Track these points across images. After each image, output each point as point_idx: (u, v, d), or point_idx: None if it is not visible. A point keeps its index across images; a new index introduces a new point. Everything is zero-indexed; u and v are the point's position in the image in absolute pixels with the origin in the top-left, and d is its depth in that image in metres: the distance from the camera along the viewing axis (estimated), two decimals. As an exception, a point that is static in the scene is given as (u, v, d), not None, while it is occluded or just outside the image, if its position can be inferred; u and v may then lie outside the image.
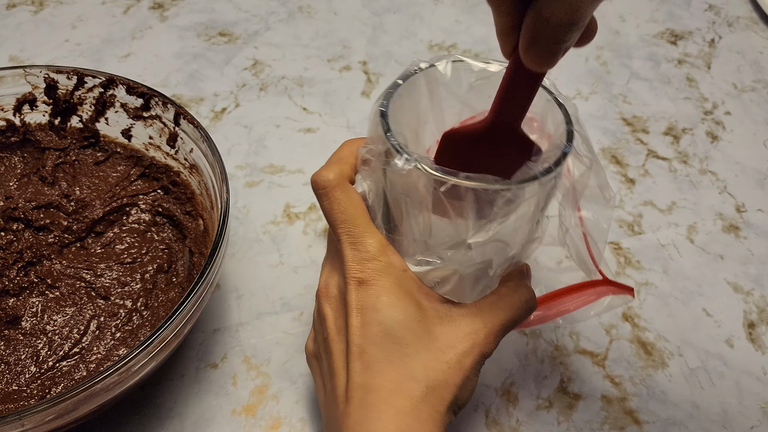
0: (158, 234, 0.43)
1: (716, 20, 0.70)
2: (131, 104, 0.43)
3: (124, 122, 0.44)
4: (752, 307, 0.46)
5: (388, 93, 0.30)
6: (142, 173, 0.45)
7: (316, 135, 0.54)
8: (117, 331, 0.38)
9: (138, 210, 0.44)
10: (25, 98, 0.43)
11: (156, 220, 0.44)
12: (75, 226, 0.42)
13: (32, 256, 0.40)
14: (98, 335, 0.38)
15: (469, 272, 0.30)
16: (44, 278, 0.40)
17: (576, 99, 0.60)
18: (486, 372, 0.41)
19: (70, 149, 0.45)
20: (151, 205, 0.44)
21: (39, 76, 0.42)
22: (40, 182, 0.44)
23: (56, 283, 0.40)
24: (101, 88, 0.43)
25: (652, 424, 0.40)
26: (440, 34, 0.65)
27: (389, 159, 0.28)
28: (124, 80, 0.42)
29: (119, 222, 0.43)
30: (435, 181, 0.27)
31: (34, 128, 0.44)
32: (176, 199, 0.44)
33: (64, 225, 0.42)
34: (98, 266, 0.41)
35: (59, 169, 0.44)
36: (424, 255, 0.30)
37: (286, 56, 0.61)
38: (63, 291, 0.40)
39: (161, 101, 0.42)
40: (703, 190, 0.53)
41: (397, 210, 0.30)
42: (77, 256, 0.41)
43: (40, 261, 0.41)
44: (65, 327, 0.38)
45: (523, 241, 0.31)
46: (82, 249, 0.42)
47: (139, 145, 0.45)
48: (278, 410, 0.39)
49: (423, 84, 0.32)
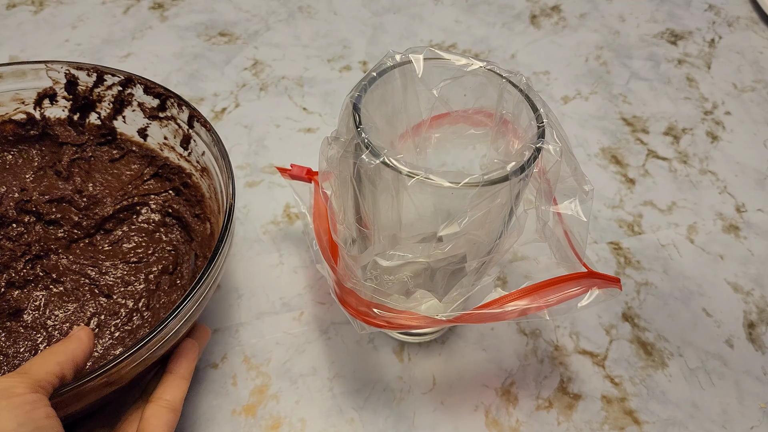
0: (166, 235, 0.43)
1: (716, 20, 0.70)
2: (148, 104, 0.43)
3: (140, 121, 0.44)
4: (752, 307, 0.46)
5: (363, 86, 0.30)
6: (155, 173, 0.45)
7: (316, 135, 0.54)
8: (116, 330, 0.38)
9: (148, 210, 0.44)
10: (45, 93, 0.43)
11: (165, 221, 0.44)
12: (85, 222, 0.42)
13: (40, 250, 0.41)
14: (97, 333, 0.38)
15: (441, 266, 0.30)
16: (50, 272, 0.40)
17: (576, 99, 0.60)
18: (486, 372, 0.41)
19: (87, 145, 0.45)
20: (161, 206, 0.44)
21: (60, 72, 0.42)
22: (55, 176, 0.44)
23: (61, 278, 0.40)
24: (120, 87, 0.43)
25: (652, 424, 0.40)
26: (440, 34, 0.65)
27: (359, 153, 0.28)
28: (142, 80, 0.42)
29: (129, 221, 0.43)
30: (403, 176, 0.27)
31: (54, 123, 0.44)
32: (186, 201, 0.44)
33: (74, 220, 0.42)
34: (104, 264, 0.41)
35: (75, 165, 0.44)
36: (394, 249, 0.30)
37: (286, 56, 0.61)
38: (67, 287, 0.40)
39: (176, 102, 0.42)
40: (703, 190, 0.53)
41: (366, 203, 0.30)
42: (84, 252, 0.42)
43: (48, 255, 0.41)
44: (66, 323, 0.38)
45: (496, 235, 0.31)
46: (90, 245, 0.42)
47: (154, 145, 0.45)
48: (278, 410, 0.39)
49: (397, 77, 0.32)
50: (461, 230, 0.28)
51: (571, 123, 0.58)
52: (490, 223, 0.29)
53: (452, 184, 0.27)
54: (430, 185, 0.27)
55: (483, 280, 0.34)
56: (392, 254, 0.30)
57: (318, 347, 0.42)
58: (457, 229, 0.28)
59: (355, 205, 0.31)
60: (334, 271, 0.34)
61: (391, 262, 0.30)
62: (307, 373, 0.40)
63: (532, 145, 0.28)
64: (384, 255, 0.30)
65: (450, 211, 0.28)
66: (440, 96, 0.32)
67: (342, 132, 0.31)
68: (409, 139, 0.35)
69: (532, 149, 0.28)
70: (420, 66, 0.31)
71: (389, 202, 0.28)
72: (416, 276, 0.31)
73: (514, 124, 0.31)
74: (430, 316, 0.32)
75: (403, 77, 0.32)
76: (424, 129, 0.34)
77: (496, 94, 0.32)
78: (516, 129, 0.31)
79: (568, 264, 0.33)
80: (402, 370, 0.41)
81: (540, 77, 0.62)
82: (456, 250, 0.29)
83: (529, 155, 0.28)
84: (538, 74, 0.62)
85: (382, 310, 0.33)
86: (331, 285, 0.35)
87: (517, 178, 0.27)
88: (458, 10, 0.68)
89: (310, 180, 0.40)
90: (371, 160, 0.27)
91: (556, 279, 0.33)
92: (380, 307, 0.33)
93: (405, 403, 0.40)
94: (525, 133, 0.30)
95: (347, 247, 0.32)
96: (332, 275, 0.34)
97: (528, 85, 0.31)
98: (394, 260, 0.30)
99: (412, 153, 0.35)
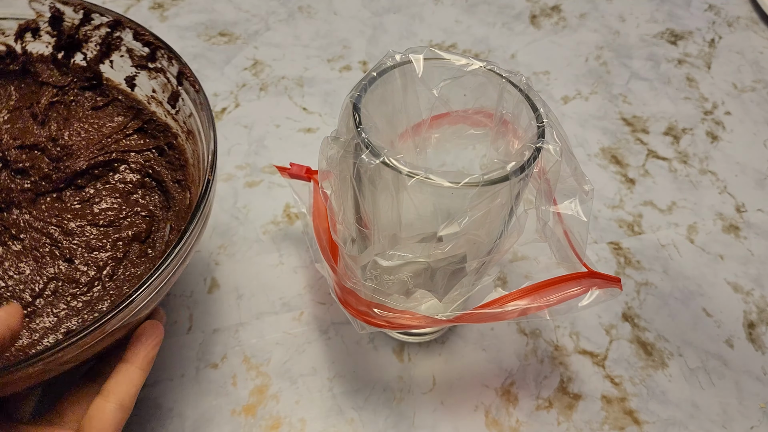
0: (143, 197, 0.39)
1: (716, 20, 0.70)
2: (137, 51, 0.40)
3: (128, 69, 0.41)
4: (752, 307, 0.46)
5: (363, 86, 0.30)
6: (140, 127, 0.41)
7: (316, 135, 0.54)
8: (73, 300, 0.35)
9: (127, 168, 0.40)
10: (27, 25, 0.40)
11: (144, 181, 0.40)
12: (55, 175, 0.38)
13: (2, 201, 0.37)
14: (52, 300, 0.35)
15: (441, 266, 0.30)
16: (9, 228, 0.36)
17: (576, 99, 0.60)
18: (486, 372, 0.41)
19: (70, 88, 0.41)
20: (141, 165, 0.40)
21: (44, 4, 0.39)
22: (31, 119, 0.40)
23: (20, 235, 0.36)
24: (108, 28, 0.39)
25: (652, 424, 0.40)
26: (440, 34, 0.65)
27: (359, 153, 0.28)
28: (132, 24, 0.39)
29: (104, 178, 0.39)
30: (403, 176, 0.27)
31: (36, 59, 0.41)
32: (169, 163, 0.40)
33: (44, 171, 0.38)
34: (69, 224, 0.37)
35: (53, 108, 0.41)
36: (394, 249, 0.30)
37: (286, 56, 0.61)
38: (26, 245, 0.36)
39: (167, 54, 0.38)
40: (703, 190, 0.53)
41: (366, 203, 0.30)
42: (50, 209, 0.38)
43: (9, 208, 0.37)
44: (19, 285, 0.35)
45: (496, 235, 0.31)
46: (57, 201, 0.38)
47: (141, 96, 0.41)
48: (278, 410, 0.39)
49: (397, 77, 0.32)
50: (461, 230, 0.28)
51: (571, 123, 0.58)
52: (490, 223, 0.29)
53: (452, 184, 0.27)
54: (430, 185, 0.27)
55: (483, 280, 0.34)
56: (392, 254, 0.30)
57: (318, 347, 0.42)
58: (457, 229, 0.28)
59: (355, 205, 0.31)
60: (334, 270, 0.34)
61: (391, 262, 0.30)
62: (307, 373, 0.40)
63: (532, 145, 0.28)
64: (384, 255, 0.30)
65: (450, 211, 0.28)
66: (440, 96, 0.32)
67: (342, 132, 0.31)
68: (409, 139, 0.35)
69: (532, 149, 0.28)
70: (420, 66, 0.32)
71: (389, 202, 0.28)
72: (416, 276, 0.31)
73: (514, 124, 0.32)
74: (430, 316, 0.32)
75: (403, 77, 0.32)
76: (424, 129, 0.34)
77: (496, 94, 0.32)
78: (516, 129, 0.31)
79: (568, 264, 0.33)
80: (402, 370, 0.41)
81: (540, 77, 0.62)
82: (456, 250, 0.29)
83: (529, 155, 0.28)
84: (538, 74, 0.62)
85: (382, 310, 0.33)
86: (331, 285, 0.35)
87: (517, 178, 0.27)
88: (458, 10, 0.68)
89: (310, 179, 0.40)
90: (371, 159, 0.27)
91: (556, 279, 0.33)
92: (380, 307, 0.33)
93: (405, 403, 0.40)
94: (525, 133, 0.31)
95: (347, 246, 0.32)
96: (332, 275, 0.34)
97: (528, 85, 0.31)
98: (394, 260, 0.30)
99: (412, 153, 0.35)
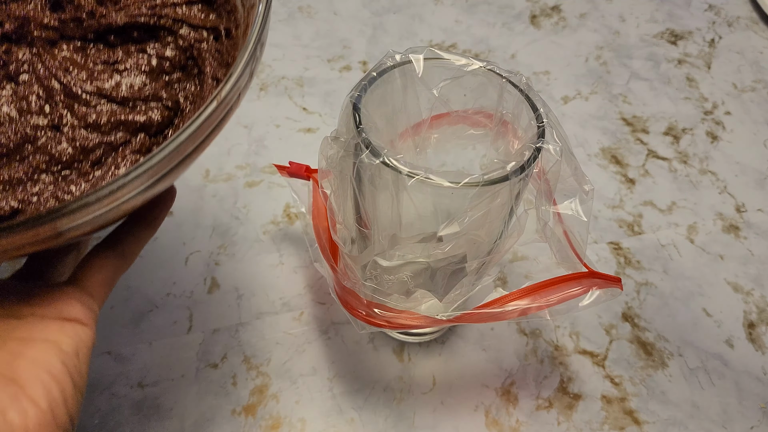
0: (176, 83, 0.31)
1: (716, 20, 0.70)
2: None
3: None
4: (752, 307, 0.46)
5: (363, 86, 0.30)
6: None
7: (316, 135, 0.54)
8: (42, 174, 0.28)
9: (173, 42, 0.31)
10: None
11: (187, 64, 0.31)
12: (87, 22, 0.30)
13: (17, 31, 0.30)
14: (17, 165, 0.28)
15: (441, 266, 0.30)
16: (8, 63, 0.29)
17: (576, 99, 0.60)
18: (486, 372, 0.41)
19: None
20: (189, 44, 0.31)
21: None
22: None
23: (18, 77, 0.29)
24: None
25: (652, 424, 0.40)
26: (440, 34, 0.65)
27: (359, 152, 0.28)
28: None
29: (141, 44, 0.31)
30: (403, 176, 0.27)
31: None
32: (218, 53, 0.32)
33: (76, 14, 0.30)
34: (79, 85, 0.29)
35: None
36: (394, 249, 0.30)
37: (286, 56, 0.61)
38: (18, 91, 0.29)
39: None
40: (703, 190, 0.53)
41: (366, 203, 0.30)
42: (65, 60, 0.30)
43: (20, 42, 0.30)
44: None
45: (496, 235, 0.31)
46: (78, 53, 0.30)
47: None
48: (278, 410, 0.39)
49: (397, 77, 0.32)
50: (461, 230, 0.28)
51: (571, 123, 0.58)
52: (490, 223, 0.29)
53: (452, 184, 0.27)
54: (430, 185, 0.27)
55: (483, 280, 0.34)
56: (392, 254, 0.30)
57: (318, 347, 0.42)
58: (457, 229, 0.28)
59: (355, 205, 0.31)
60: (333, 270, 0.34)
61: (391, 262, 0.30)
62: (307, 373, 0.40)
63: (532, 145, 0.28)
64: (384, 255, 0.30)
65: (450, 211, 0.28)
66: (440, 96, 0.33)
67: (342, 132, 0.31)
68: (409, 139, 0.35)
69: (532, 149, 0.28)
70: (420, 66, 0.32)
71: (389, 202, 0.28)
72: (416, 276, 0.31)
73: (514, 124, 0.32)
74: (430, 316, 0.32)
75: (403, 77, 0.32)
76: (424, 129, 0.34)
77: (496, 94, 0.32)
78: (516, 129, 0.31)
79: (568, 264, 0.33)
80: (402, 370, 0.41)
81: (540, 77, 0.62)
82: (456, 250, 0.29)
83: (529, 155, 0.28)
84: (538, 74, 0.62)
85: (382, 310, 0.33)
86: (331, 285, 0.35)
87: (517, 178, 0.27)
88: (458, 10, 0.68)
89: (309, 177, 0.40)
90: (371, 159, 0.27)
91: (556, 279, 0.33)
92: (380, 306, 0.33)
93: (405, 403, 0.40)
94: (525, 133, 0.31)
95: (347, 246, 0.32)
96: (332, 275, 0.34)
97: (528, 85, 0.31)
98: (394, 260, 0.30)
99: (412, 153, 0.35)
